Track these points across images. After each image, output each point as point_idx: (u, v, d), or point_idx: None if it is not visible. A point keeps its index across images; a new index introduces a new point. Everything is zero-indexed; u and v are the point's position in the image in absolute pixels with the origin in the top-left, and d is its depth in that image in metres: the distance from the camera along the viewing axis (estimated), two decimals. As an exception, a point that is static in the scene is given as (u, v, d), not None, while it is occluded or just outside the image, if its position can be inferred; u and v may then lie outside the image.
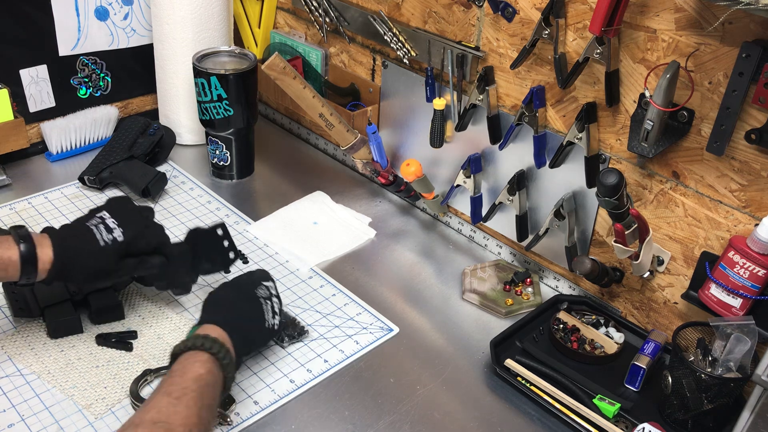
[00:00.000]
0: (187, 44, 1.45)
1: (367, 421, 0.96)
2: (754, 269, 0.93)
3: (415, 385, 1.03)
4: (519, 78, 1.16)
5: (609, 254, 1.15)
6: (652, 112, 0.95)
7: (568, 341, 1.09)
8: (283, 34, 1.59)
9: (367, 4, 1.37)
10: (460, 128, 1.26)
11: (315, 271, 1.24)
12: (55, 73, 1.46)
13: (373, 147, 1.35)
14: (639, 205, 1.08)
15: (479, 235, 1.35)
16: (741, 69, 0.87)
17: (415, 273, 1.26)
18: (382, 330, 1.12)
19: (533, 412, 1.00)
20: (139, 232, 0.99)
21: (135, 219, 1.00)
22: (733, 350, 0.93)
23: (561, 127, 1.14)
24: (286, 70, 1.24)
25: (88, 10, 1.45)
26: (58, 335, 1.04)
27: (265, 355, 1.05)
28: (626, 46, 1.01)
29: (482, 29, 1.18)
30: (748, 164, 0.94)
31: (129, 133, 1.43)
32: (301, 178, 1.51)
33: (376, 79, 1.43)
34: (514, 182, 1.20)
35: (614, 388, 1.03)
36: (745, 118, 0.92)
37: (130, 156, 1.39)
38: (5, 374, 0.98)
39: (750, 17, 0.87)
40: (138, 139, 1.43)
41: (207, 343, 0.85)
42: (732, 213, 0.98)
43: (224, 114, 1.38)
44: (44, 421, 0.92)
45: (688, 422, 0.96)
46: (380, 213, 1.42)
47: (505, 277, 1.24)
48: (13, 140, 1.39)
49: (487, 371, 1.06)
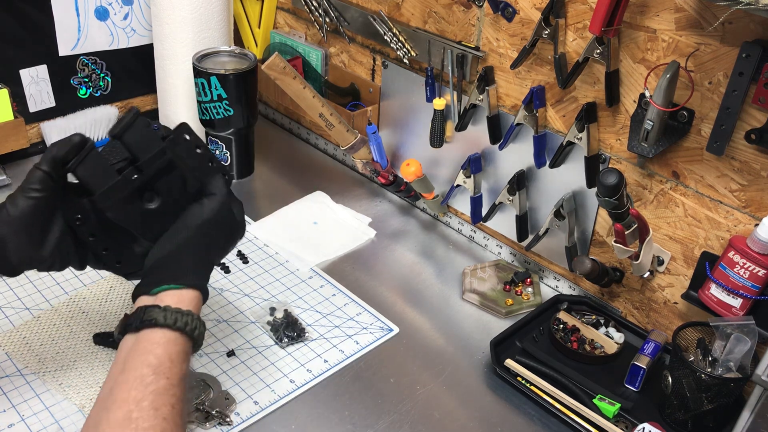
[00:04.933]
0: (187, 44, 1.45)
1: (367, 421, 0.96)
2: (754, 269, 0.93)
3: (415, 385, 1.03)
4: (519, 78, 1.16)
5: (609, 254, 1.15)
6: (652, 112, 0.95)
7: (568, 341, 1.09)
8: (283, 34, 1.59)
9: (367, 4, 1.37)
10: (460, 128, 1.26)
11: (315, 271, 1.24)
12: (55, 73, 1.46)
13: (373, 147, 1.35)
14: (639, 205, 1.08)
15: (479, 235, 1.35)
16: (741, 69, 0.87)
17: (415, 273, 1.26)
18: (382, 330, 1.12)
19: (533, 412, 1.00)
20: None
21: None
22: (733, 350, 0.93)
23: (561, 127, 1.14)
24: (286, 70, 1.24)
25: (88, 10, 1.45)
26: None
27: (265, 355, 1.05)
28: (626, 46, 1.01)
29: (482, 29, 1.18)
30: (748, 164, 0.94)
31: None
32: (301, 178, 1.51)
33: (376, 79, 1.43)
34: (514, 182, 1.20)
35: (614, 388, 1.03)
36: (745, 118, 0.92)
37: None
38: (5, 374, 0.98)
39: (750, 17, 0.87)
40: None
41: (180, 321, 0.76)
42: (732, 213, 0.98)
43: (224, 114, 1.38)
44: (44, 421, 0.92)
45: (688, 422, 0.96)
46: (380, 213, 1.42)
47: (505, 277, 1.24)
48: (13, 140, 1.39)
49: (487, 371, 1.06)
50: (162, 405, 0.70)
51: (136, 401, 0.69)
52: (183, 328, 0.75)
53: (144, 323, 0.74)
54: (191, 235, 0.82)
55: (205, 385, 0.98)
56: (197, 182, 0.84)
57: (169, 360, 0.73)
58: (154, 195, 0.81)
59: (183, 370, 0.74)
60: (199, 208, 0.83)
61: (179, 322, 0.75)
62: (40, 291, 1.13)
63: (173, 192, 0.82)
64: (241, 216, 0.89)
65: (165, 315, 0.75)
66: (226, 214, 0.85)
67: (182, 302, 0.77)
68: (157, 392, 0.70)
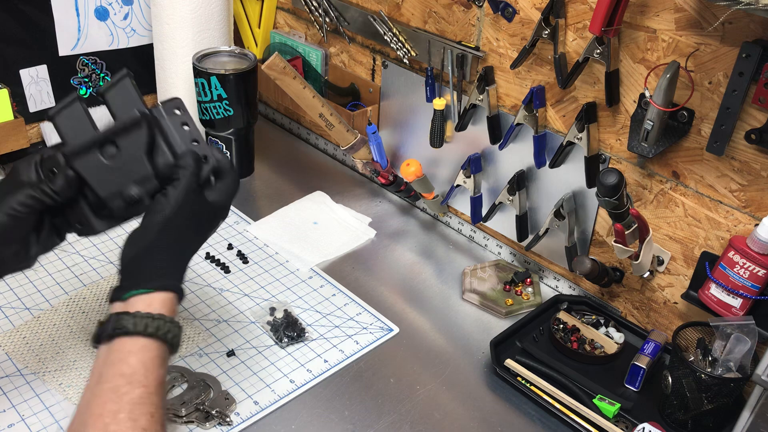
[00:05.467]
0: (187, 44, 1.45)
1: (367, 421, 0.96)
2: (754, 269, 0.93)
3: (415, 385, 1.03)
4: (519, 78, 1.16)
5: (609, 254, 1.15)
6: (652, 112, 0.95)
7: (568, 341, 1.09)
8: (283, 34, 1.59)
9: (367, 4, 1.37)
10: (460, 128, 1.26)
11: (315, 271, 1.24)
12: (55, 73, 1.46)
13: (373, 147, 1.35)
14: (639, 205, 1.08)
15: (479, 235, 1.35)
16: (741, 69, 0.87)
17: (415, 273, 1.26)
18: (382, 330, 1.12)
19: (533, 412, 1.00)
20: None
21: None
22: (733, 350, 0.93)
23: (561, 127, 1.14)
24: (286, 70, 1.24)
25: (88, 10, 1.45)
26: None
27: (265, 355, 1.05)
28: (626, 46, 1.01)
29: (482, 29, 1.18)
30: (748, 164, 0.94)
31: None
32: (301, 178, 1.51)
33: (376, 79, 1.43)
34: (514, 182, 1.20)
35: (614, 388, 1.03)
36: (745, 118, 0.92)
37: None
38: (5, 374, 0.98)
39: (750, 17, 0.87)
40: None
41: (151, 327, 0.74)
42: (732, 213, 0.98)
43: (224, 114, 1.38)
44: (44, 421, 0.92)
45: (688, 422, 0.96)
46: (380, 213, 1.42)
47: (505, 277, 1.24)
48: (13, 140, 1.39)
49: (487, 371, 1.06)
50: (140, 415, 0.68)
51: (113, 413, 0.67)
52: (155, 333, 0.73)
53: (116, 332, 0.73)
54: (155, 237, 0.78)
55: (205, 385, 0.98)
56: (168, 156, 0.81)
57: (143, 368, 0.71)
58: (115, 149, 0.80)
59: (160, 375, 0.73)
60: (163, 200, 0.78)
61: (150, 327, 0.73)
62: (40, 291, 1.13)
63: (132, 149, 0.79)
64: (223, 195, 0.83)
65: (135, 322, 0.73)
66: (192, 203, 0.80)
67: (152, 306, 0.75)
68: (133, 402, 0.69)
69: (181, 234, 0.80)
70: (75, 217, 0.83)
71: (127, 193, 0.80)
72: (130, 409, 0.68)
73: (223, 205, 0.84)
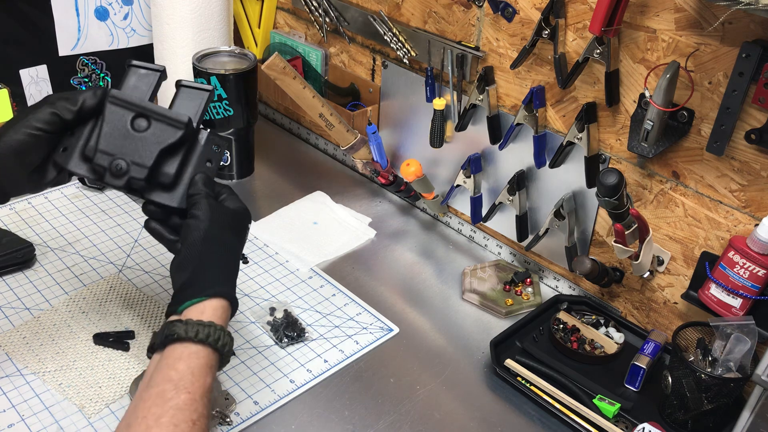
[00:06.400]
0: (187, 44, 1.45)
1: (367, 421, 0.96)
2: (754, 269, 0.93)
3: (415, 385, 1.03)
4: (519, 78, 1.16)
5: (609, 254, 1.15)
6: (652, 112, 0.95)
7: (568, 341, 1.09)
8: (283, 34, 1.59)
9: (367, 4, 1.37)
10: (460, 128, 1.26)
11: (315, 271, 1.24)
12: (55, 73, 1.46)
13: (373, 147, 1.35)
14: (639, 205, 1.08)
15: (479, 235, 1.35)
16: (741, 69, 0.87)
17: (415, 273, 1.26)
18: (382, 330, 1.12)
19: (533, 412, 1.00)
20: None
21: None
22: (733, 350, 0.93)
23: (561, 127, 1.14)
24: (286, 70, 1.24)
25: (88, 10, 1.45)
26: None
27: (265, 355, 1.05)
28: (626, 46, 1.01)
29: (482, 29, 1.18)
30: (748, 164, 0.94)
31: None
32: (301, 178, 1.51)
33: (376, 79, 1.43)
34: (514, 182, 1.20)
35: (614, 388, 1.03)
36: (745, 118, 0.92)
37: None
38: (5, 374, 0.98)
39: (750, 17, 0.87)
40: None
41: (202, 333, 0.75)
42: (732, 213, 0.98)
43: (224, 114, 1.38)
44: (44, 421, 0.92)
45: (688, 422, 0.96)
46: (380, 213, 1.42)
47: (505, 277, 1.24)
48: (13, 140, 1.39)
49: (487, 371, 1.06)
50: (182, 421, 0.69)
51: (156, 417, 0.69)
52: (205, 339, 0.74)
53: (167, 339, 0.74)
54: (200, 250, 0.81)
55: (205, 385, 0.98)
56: (172, 170, 0.84)
57: (190, 374, 0.72)
58: (146, 126, 0.83)
59: (206, 383, 0.73)
60: (193, 221, 0.82)
61: (201, 334, 0.74)
62: (40, 291, 1.13)
63: (155, 138, 0.83)
64: (237, 202, 0.89)
65: (186, 328, 0.74)
66: (220, 213, 0.84)
67: (204, 314, 0.77)
68: (177, 407, 0.70)
69: (224, 239, 0.83)
70: (63, 145, 0.85)
71: (117, 161, 0.82)
72: (173, 414, 0.69)
73: (243, 209, 0.89)
